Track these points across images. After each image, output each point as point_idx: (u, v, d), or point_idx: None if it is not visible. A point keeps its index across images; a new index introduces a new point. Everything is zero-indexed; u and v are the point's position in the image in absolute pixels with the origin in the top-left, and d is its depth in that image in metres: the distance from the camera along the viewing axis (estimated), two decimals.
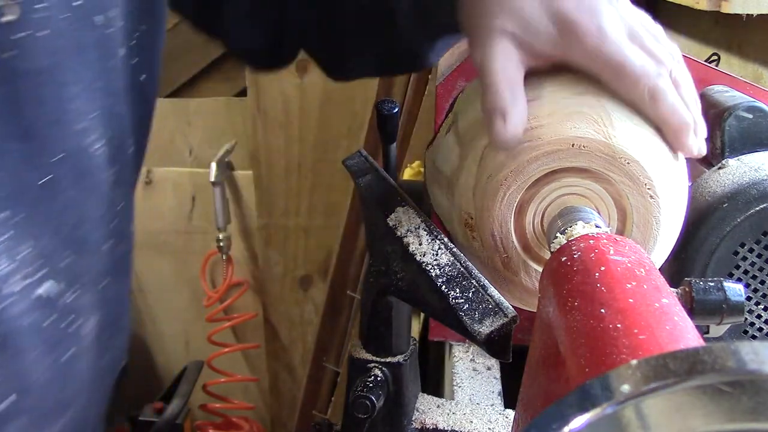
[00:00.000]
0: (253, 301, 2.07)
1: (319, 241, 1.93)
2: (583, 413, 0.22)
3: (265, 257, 1.98)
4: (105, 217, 0.50)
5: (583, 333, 0.31)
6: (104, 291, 0.52)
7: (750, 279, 0.59)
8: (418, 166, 1.30)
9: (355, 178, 0.55)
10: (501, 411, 0.62)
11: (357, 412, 0.53)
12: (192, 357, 2.07)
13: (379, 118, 0.59)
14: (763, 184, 0.57)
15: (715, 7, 0.90)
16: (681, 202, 0.48)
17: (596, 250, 0.37)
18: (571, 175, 0.46)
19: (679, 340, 0.29)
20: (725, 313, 0.41)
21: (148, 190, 2.05)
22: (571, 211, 0.45)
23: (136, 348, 2.15)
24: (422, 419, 0.60)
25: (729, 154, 0.62)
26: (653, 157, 0.46)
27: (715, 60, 0.87)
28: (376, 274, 0.53)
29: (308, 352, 1.89)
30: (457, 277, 0.46)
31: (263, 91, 1.81)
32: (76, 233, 0.47)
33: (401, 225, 0.49)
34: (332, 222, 1.86)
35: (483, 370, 0.82)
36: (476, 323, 0.43)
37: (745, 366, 0.21)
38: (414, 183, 0.59)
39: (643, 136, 0.46)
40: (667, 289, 0.34)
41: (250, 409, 2.07)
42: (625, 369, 0.23)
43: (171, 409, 1.74)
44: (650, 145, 0.46)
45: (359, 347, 0.58)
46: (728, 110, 0.62)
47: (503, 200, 0.47)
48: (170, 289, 2.12)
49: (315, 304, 1.99)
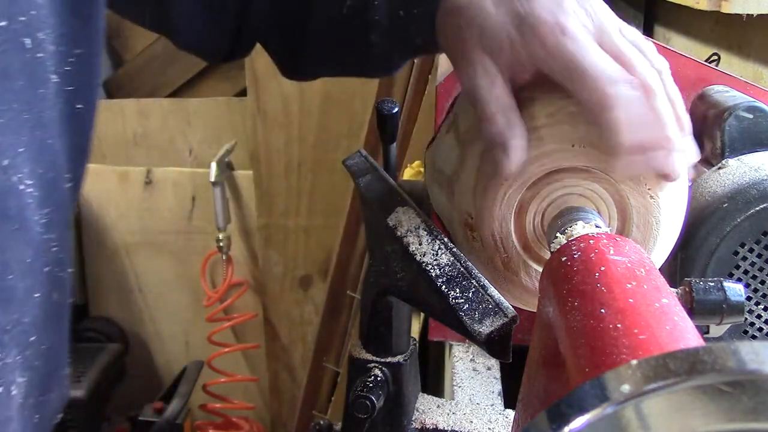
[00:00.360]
0: (253, 301, 2.07)
1: (319, 241, 1.93)
2: (583, 413, 0.22)
3: (265, 257, 1.98)
4: (36, 264, 0.45)
5: (583, 333, 0.31)
6: (35, 346, 0.46)
7: (750, 279, 0.59)
8: (418, 166, 1.30)
9: (355, 178, 0.55)
10: (501, 411, 0.62)
11: (357, 412, 0.53)
12: (192, 357, 2.07)
13: (379, 118, 0.59)
14: (763, 184, 0.57)
15: (715, 7, 0.90)
16: (681, 203, 0.48)
17: (596, 250, 0.37)
18: (571, 175, 0.46)
19: (679, 340, 0.29)
20: (725, 313, 0.41)
21: (148, 190, 2.05)
22: (571, 211, 0.45)
23: (136, 348, 2.15)
24: (422, 419, 0.60)
25: (729, 154, 0.62)
26: None
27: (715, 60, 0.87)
28: (376, 274, 0.52)
29: (308, 352, 1.89)
30: (457, 277, 0.46)
31: (263, 91, 1.81)
32: (1, 283, 0.42)
33: (401, 225, 0.49)
34: (332, 222, 1.86)
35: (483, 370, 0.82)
36: (476, 323, 0.43)
37: (745, 366, 0.21)
38: (414, 183, 0.59)
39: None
40: (667, 289, 0.34)
41: (250, 409, 2.07)
42: (625, 369, 0.23)
43: (171, 409, 1.74)
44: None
45: (359, 347, 0.58)
46: (728, 110, 0.62)
47: (503, 200, 0.47)
48: (170, 289, 2.12)
49: (315, 304, 1.99)
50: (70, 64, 0.46)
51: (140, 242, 2.09)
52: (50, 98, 0.44)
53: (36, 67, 0.43)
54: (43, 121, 0.44)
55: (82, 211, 2.06)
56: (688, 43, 1.20)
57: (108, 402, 1.87)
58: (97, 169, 2.03)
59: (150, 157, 2.11)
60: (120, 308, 2.14)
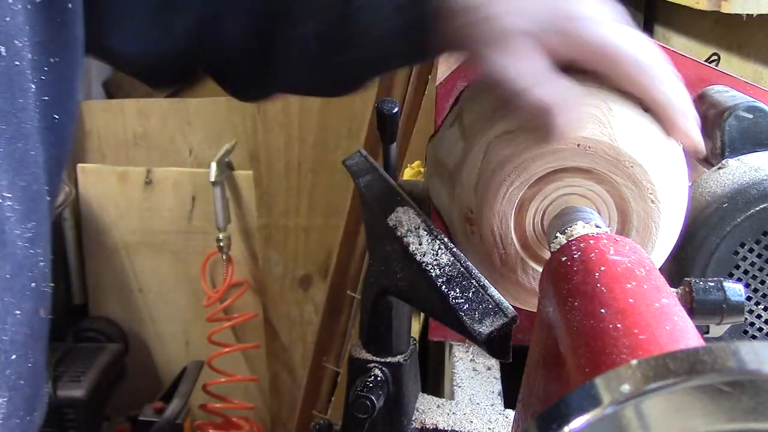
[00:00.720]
0: (253, 301, 2.07)
1: (319, 241, 1.93)
2: (583, 413, 0.22)
3: (265, 257, 1.98)
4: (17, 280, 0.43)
5: (583, 333, 0.31)
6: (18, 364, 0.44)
7: (750, 279, 0.59)
8: (418, 166, 1.30)
9: (355, 178, 0.55)
10: (501, 411, 0.62)
11: (357, 412, 0.53)
12: (192, 357, 2.07)
13: (379, 118, 0.59)
14: (763, 184, 0.57)
15: (715, 7, 0.90)
16: (681, 206, 0.48)
17: (596, 250, 0.37)
18: (574, 175, 0.46)
19: (679, 340, 0.29)
20: (725, 313, 0.41)
21: (148, 190, 2.05)
22: (572, 211, 0.45)
23: (136, 348, 2.15)
24: (422, 419, 0.60)
25: (729, 154, 0.62)
26: (657, 161, 0.46)
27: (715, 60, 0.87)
28: (376, 274, 0.52)
29: (308, 352, 1.89)
30: (457, 277, 0.46)
31: None
32: None
33: (401, 225, 0.49)
34: (332, 222, 1.86)
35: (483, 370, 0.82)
36: (476, 323, 0.43)
37: (745, 366, 0.21)
38: (414, 183, 0.59)
39: (648, 140, 0.46)
40: (667, 289, 0.34)
41: (250, 409, 2.07)
42: (625, 369, 0.23)
43: (171, 409, 1.74)
44: (655, 148, 0.46)
45: (359, 347, 0.58)
46: (728, 110, 0.62)
47: (505, 196, 0.47)
48: (170, 289, 2.12)
49: (315, 304, 1.99)
50: (45, 73, 0.45)
51: (140, 242, 2.09)
52: (30, 108, 0.43)
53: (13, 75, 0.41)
54: (24, 131, 0.42)
55: (82, 211, 2.06)
56: (688, 43, 1.20)
57: (108, 402, 1.87)
58: (97, 169, 2.03)
59: (150, 157, 2.11)
60: (120, 308, 2.14)
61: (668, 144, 0.47)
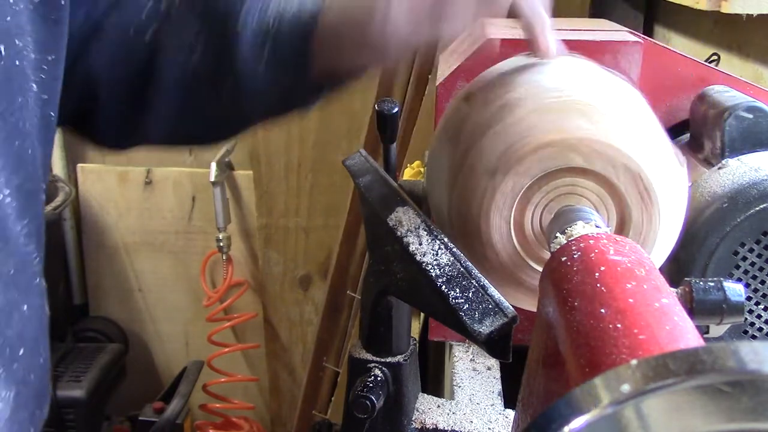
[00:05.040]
0: (253, 301, 2.07)
1: (319, 241, 1.93)
2: (583, 413, 0.22)
3: (265, 257, 1.98)
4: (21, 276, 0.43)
5: (583, 333, 0.31)
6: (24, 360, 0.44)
7: (750, 279, 0.59)
8: (418, 166, 1.30)
9: (355, 178, 0.55)
10: (501, 411, 0.62)
11: (357, 412, 0.53)
12: (192, 357, 2.07)
13: (379, 118, 0.59)
14: (763, 184, 0.57)
15: (715, 7, 0.90)
16: (680, 206, 0.48)
17: (596, 250, 0.37)
18: (571, 175, 0.46)
19: (679, 340, 0.29)
20: (725, 313, 0.41)
21: (148, 190, 2.05)
22: (571, 211, 0.45)
23: (136, 348, 2.15)
24: (422, 419, 0.60)
25: (729, 154, 0.62)
26: (655, 161, 0.46)
27: (715, 60, 0.87)
28: (376, 274, 0.52)
29: (308, 352, 1.89)
30: (457, 277, 0.46)
31: None
32: None
33: (401, 225, 0.49)
34: (332, 222, 1.86)
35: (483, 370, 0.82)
36: (476, 323, 0.43)
37: (745, 366, 0.21)
38: (414, 183, 0.59)
39: (646, 140, 0.46)
40: (667, 289, 0.34)
41: (250, 409, 2.07)
42: (625, 369, 0.23)
43: (171, 409, 1.74)
44: (652, 149, 0.46)
45: (359, 347, 0.58)
46: (728, 110, 0.62)
47: (503, 199, 0.47)
48: (170, 289, 2.12)
49: (315, 304, 1.99)
50: (44, 71, 0.45)
51: (140, 242, 2.09)
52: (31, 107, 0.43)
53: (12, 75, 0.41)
54: (23, 130, 0.42)
55: (82, 211, 2.06)
56: (688, 43, 1.20)
57: (108, 402, 1.87)
58: (97, 169, 2.03)
59: (150, 157, 2.11)
60: (120, 308, 2.14)
61: (667, 144, 0.47)
